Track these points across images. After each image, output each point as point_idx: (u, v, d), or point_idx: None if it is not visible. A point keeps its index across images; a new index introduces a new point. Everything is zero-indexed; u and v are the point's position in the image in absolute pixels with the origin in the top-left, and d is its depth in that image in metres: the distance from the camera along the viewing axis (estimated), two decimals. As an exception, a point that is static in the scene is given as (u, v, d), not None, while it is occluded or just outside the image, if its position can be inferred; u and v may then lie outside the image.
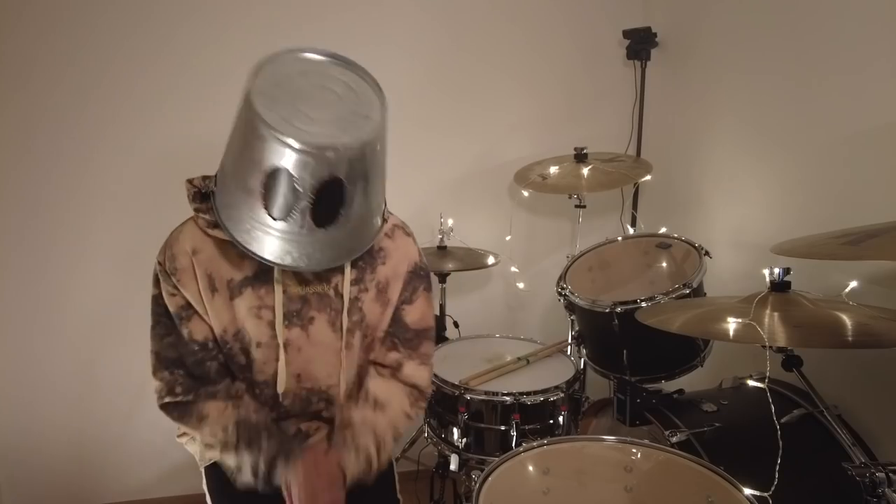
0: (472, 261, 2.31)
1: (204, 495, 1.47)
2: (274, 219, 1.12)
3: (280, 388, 1.31)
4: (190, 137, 2.27)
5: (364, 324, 1.37)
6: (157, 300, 1.29)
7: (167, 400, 1.30)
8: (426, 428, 1.93)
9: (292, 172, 1.07)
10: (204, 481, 1.47)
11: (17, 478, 2.40)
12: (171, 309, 1.28)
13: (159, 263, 1.28)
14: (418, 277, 1.42)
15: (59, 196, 2.26)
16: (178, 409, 1.31)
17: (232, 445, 1.29)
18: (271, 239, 1.14)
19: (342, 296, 1.32)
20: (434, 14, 2.42)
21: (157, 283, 1.29)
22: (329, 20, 2.33)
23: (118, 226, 2.32)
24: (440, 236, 2.34)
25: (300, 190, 1.08)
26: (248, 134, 1.09)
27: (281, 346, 1.29)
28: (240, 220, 1.16)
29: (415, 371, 1.41)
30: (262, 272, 1.28)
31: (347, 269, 1.32)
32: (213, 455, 1.36)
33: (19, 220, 2.25)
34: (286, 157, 1.06)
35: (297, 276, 1.30)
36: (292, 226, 1.12)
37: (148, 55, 2.22)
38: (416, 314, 1.43)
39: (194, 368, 1.31)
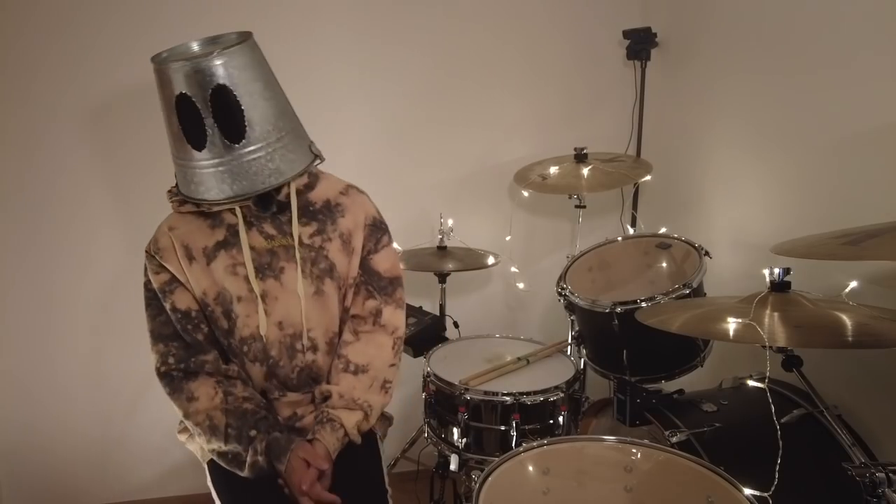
0: (472, 261, 2.31)
1: (205, 494, 1.48)
2: (198, 150, 1.30)
3: (262, 331, 1.41)
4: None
5: (335, 273, 1.48)
6: (147, 286, 1.45)
7: (163, 369, 1.41)
8: (426, 428, 1.93)
9: (186, 91, 1.26)
10: (208, 477, 1.48)
11: (18, 476, 2.40)
12: (157, 286, 1.42)
13: (146, 252, 1.44)
14: (379, 230, 1.55)
15: (67, 197, 2.26)
16: (171, 383, 1.41)
17: (221, 434, 1.35)
18: (209, 180, 1.33)
19: (307, 245, 1.45)
20: (435, 15, 2.42)
21: (145, 270, 1.45)
22: (329, 21, 2.33)
23: (124, 229, 2.32)
24: (440, 236, 2.34)
25: (199, 106, 1.27)
26: (159, 90, 1.32)
27: (258, 295, 1.41)
28: (185, 178, 1.37)
29: (392, 315, 1.55)
30: (232, 235, 1.43)
31: (294, 216, 1.44)
32: (204, 444, 1.40)
33: (27, 221, 2.26)
34: (176, 80, 1.27)
35: (261, 233, 1.43)
36: (214, 150, 1.30)
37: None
38: (386, 263, 1.55)
39: (195, 343, 1.41)
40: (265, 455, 1.34)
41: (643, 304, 1.69)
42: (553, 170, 2.28)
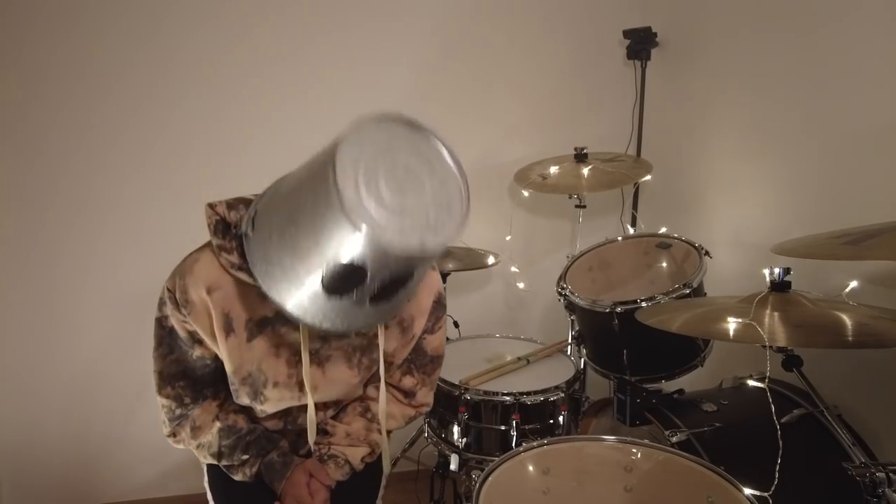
0: (472, 261, 2.31)
1: (205, 494, 1.48)
2: (329, 291, 1.00)
3: (311, 440, 1.32)
4: (200, 145, 2.27)
5: (381, 359, 1.34)
6: (161, 322, 1.23)
7: (178, 412, 1.30)
8: (426, 428, 1.93)
9: (367, 267, 0.94)
10: (205, 478, 1.47)
11: (18, 475, 2.40)
12: (182, 334, 1.22)
13: (168, 290, 1.19)
14: (441, 307, 1.40)
15: (68, 199, 2.26)
16: (181, 421, 1.32)
17: (215, 453, 1.32)
18: (314, 307, 1.04)
19: (362, 334, 1.30)
20: (435, 14, 2.42)
21: (162, 306, 1.22)
22: (329, 20, 2.33)
23: (124, 229, 2.32)
24: (440, 236, 2.34)
25: (369, 282, 0.98)
26: (324, 213, 0.92)
27: (309, 394, 1.25)
28: (277, 278, 1.04)
29: (425, 396, 1.46)
30: (281, 313, 1.19)
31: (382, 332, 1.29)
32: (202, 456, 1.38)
33: (28, 221, 2.25)
34: (366, 252, 0.92)
35: None
36: (346, 298, 1.02)
37: (159, 63, 2.22)
38: (435, 342, 1.43)
39: (204, 377, 1.30)
40: (256, 478, 1.31)
41: (643, 304, 1.69)
42: (553, 169, 2.28)
